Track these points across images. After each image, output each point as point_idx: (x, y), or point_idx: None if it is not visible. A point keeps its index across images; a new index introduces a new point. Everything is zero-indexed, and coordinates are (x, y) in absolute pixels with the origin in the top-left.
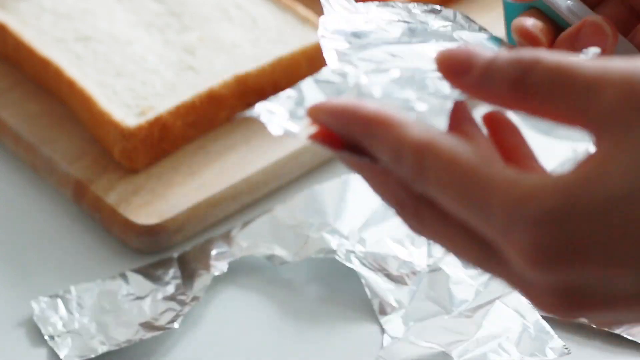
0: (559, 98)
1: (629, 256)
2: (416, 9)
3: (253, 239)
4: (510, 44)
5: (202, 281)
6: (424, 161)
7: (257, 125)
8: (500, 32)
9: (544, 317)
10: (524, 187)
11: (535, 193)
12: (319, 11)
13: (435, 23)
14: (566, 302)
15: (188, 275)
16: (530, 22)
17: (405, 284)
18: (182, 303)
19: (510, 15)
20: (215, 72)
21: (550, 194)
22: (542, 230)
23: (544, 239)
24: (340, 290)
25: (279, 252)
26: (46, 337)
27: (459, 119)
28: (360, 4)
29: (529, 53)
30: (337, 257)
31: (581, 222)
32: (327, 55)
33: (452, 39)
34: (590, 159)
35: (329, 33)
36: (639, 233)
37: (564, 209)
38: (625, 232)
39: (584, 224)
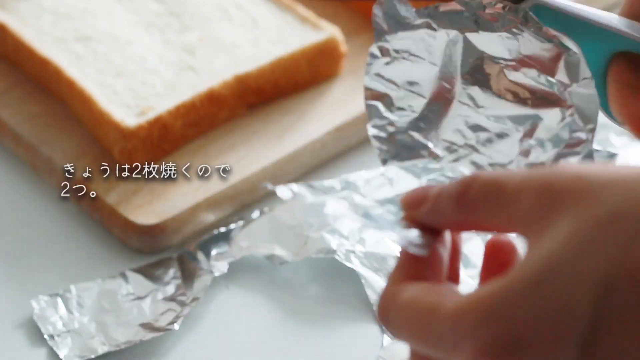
0: (493, 209)
1: (551, 337)
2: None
3: (253, 239)
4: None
5: (202, 281)
6: (387, 313)
7: (257, 125)
8: None
9: None
10: (464, 302)
11: (473, 303)
12: (319, 11)
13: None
14: None
15: (188, 275)
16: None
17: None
18: (182, 304)
19: (595, 71)
20: (215, 72)
21: (484, 301)
22: (482, 334)
23: (486, 342)
24: (340, 290)
25: (279, 252)
26: (46, 337)
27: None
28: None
29: (471, 174)
30: (337, 257)
31: (511, 316)
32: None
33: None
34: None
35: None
36: (548, 314)
37: (496, 309)
38: (538, 315)
39: (514, 317)
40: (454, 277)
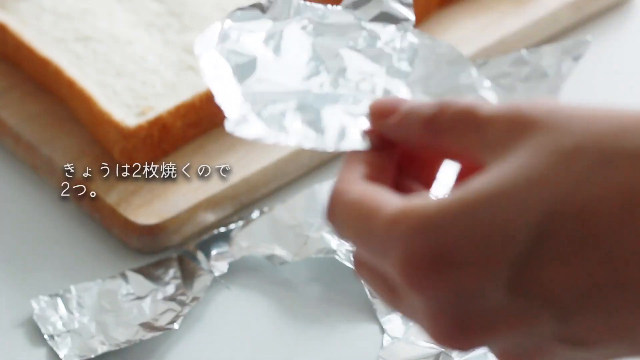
0: (462, 133)
1: (488, 262)
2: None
3: (253, 239)
4: None
5: (202, 281)
6: (334, 211)
7: None
8: (495, 34)
9: None
10: (400, 209)
11: (410, 212)
12: None
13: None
14: (453, 325)
15: (188, 275)
16: None
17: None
18: (182, 303)
19: None
20: None
21: (420, 211)
22: (413, 241)
23: (415, 250)
24: (340, 290)
25: (279, 252)
26: (46, 337)
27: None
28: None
29: (448, 99)
30: (337, 257)
31: (445, 232)
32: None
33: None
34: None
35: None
36: (485, 237)
37: (433, 220)
38: (473, 236)
39: (448, 233)
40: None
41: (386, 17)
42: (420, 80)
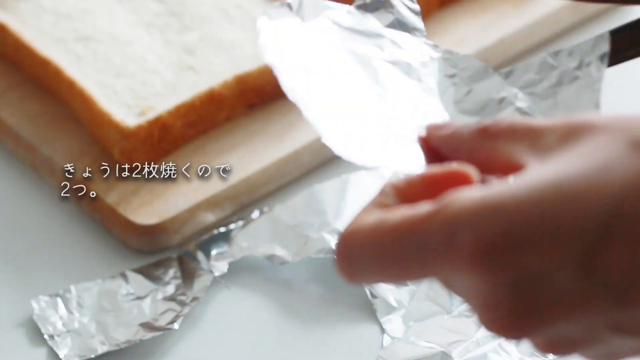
0: (515, 139)
1: (560, 244)
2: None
3: (253, 239)
4: None
5: (202, 281)
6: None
7: (257, 125)
8: (495, 34)
9: None
10: (459, 201)
11: (474, 201)
12: None
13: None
14: (512, 312)
15: (188, 275)
16: None
17: (405, 284)
18: (182, 303)
19: None
20: (215, 72)
21: (488, 198)
22: (486, 223)
23: (488, 231)
24: (340, 290)
25: (279, 252)
26: (46, 337)
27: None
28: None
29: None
30: None
31: (517, 214)
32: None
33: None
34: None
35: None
36: (556, 220)
37: (502, 206)
38: (554, 219)
39: (519, 215)
40: None
41: (399, 25)
42: (451, 100)
